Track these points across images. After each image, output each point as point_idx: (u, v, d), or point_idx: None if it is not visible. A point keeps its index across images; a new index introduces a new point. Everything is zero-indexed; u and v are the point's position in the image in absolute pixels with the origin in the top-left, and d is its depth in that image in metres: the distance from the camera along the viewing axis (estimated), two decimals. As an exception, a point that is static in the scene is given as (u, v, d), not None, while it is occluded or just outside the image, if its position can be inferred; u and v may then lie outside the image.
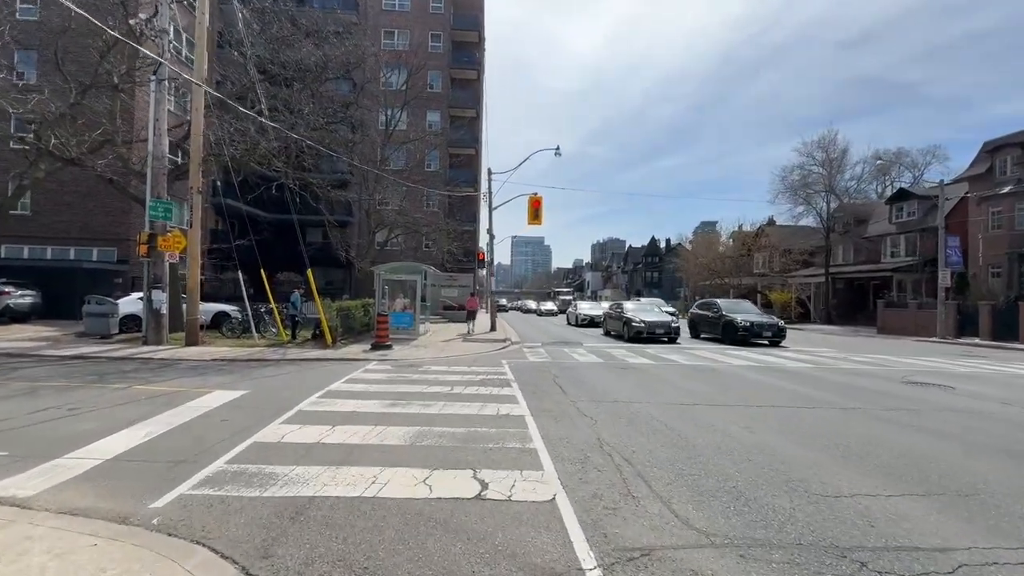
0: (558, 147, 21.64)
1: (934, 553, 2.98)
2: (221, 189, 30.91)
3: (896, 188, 44.28)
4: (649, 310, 19.30)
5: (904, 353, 15.77)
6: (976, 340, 22.70)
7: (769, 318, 17.68)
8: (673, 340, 17.56)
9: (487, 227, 22.25)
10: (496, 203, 22.88)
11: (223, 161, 14.29)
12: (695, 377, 9.77)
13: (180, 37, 22.96)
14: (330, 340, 13.63)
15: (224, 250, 24.50)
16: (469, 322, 20.73)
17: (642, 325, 17.24)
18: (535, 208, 20.80)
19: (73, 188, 21.65)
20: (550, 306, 50.33)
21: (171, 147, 14.66)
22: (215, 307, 18.46)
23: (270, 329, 15.60)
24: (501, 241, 23.50)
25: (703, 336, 19.45)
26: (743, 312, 17.74)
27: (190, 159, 13.86)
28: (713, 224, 76.44)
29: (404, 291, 17.19)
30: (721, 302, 19.04)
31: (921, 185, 40.44)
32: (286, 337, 14.43)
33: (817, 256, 43.47)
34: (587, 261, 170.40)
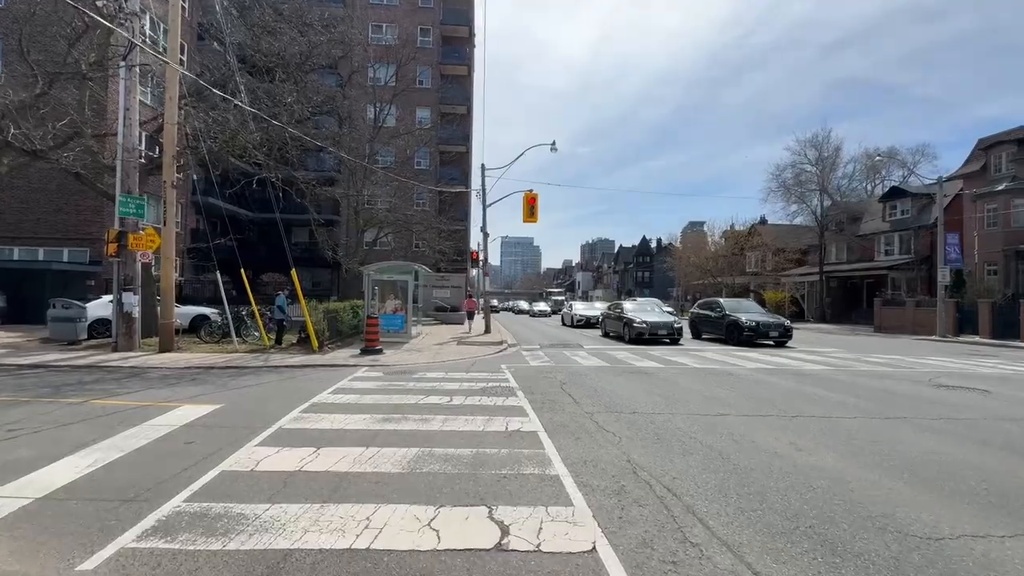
0: (554, 142, 20.92)
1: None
2: (202, 187, 29.82)
3: (886, 187, 44.37)
4: (649, 310, 18.66)
5: (914, 352, 15.28)
6: (976, 338, 22.41)
7: (775, 318, 17.12)
8: (675, 341, 16.92)
9: (481, 225, 21.47)
10: (489, 200, 22.10)
11: (200, 154, 13.34)
12: (712, 382, 9.09)
13: (157, 28, 21.87)
14: (316, 345, 12.76)
15: (205, 250, 23.45)
16: (468, 322, 21.44)
17: (644, 326, 16.57)
18: (530, 205, 20.04)
19: (41, 185, 20.46)
20: (543, 307, 49.65)
21: (147, 142, 13.73)
22: (194, 310, 17.48)
23: (252, 333, 14.67)
24: (492, 241, 22.74)
25: (704, 336, 18.85)
26: (747, 311, 17.16)
27: (163, 151, 12.90)
28: (701, 224, 76.39)
29: (395, 292, 16.34)
30: (724, 301, 18.46)
31: (913, 181, 40.35)
32: (269, 342, 13.52)
33: (810, 255, 43.33)
34: (576, 261, 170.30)
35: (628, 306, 18.79)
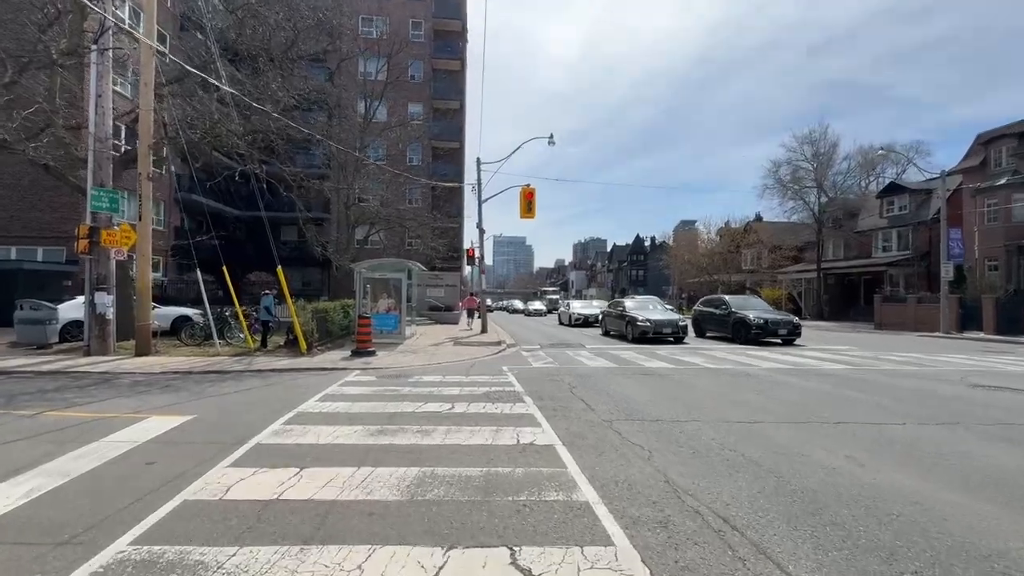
0: (551, 135, 20.25)
1: None
2: (186, 183, 28.84)
3: (880, 184, 44.19)
4: (652, 308, 18.05)
5: (926, 350, 14.78)
6: (980, 334, 22.06)
7: (783, 315, 16.57)
8: (680, 340, 16.32)
9: (477, 221, 20.75)
10: (484, 196, 21.39)
11: (179, 145, 12.50)
12: (731, 384, 8.45)
13: (137, 17, 20.91)
14: (304, 347, 11.99)
15: (188, 249, 22.55)
16: (470, 320, 22.68)
17: (648, 324, 15.94)
18: (528, 200, 19.36)
19: (14, 181, 19.47)
20: (538, 305, 49.01)
21: (126, 135, 12.86)
22: (175, 311, 16.61)
23: (237, 335, 13.86)
24: (486, 239, 21.96)
25: (709, 335, 18.28)
26: (754, 309, 16.59)
27: (139, 140, 12.07)
28: (692, 223, 76.12)
29: (388, 290, 15.59)
30: (730, 299, 17.88)
31: (909, 177, 40.11)
32: (254, 344, 12.72)
33: (807, 252, 43.03)
34: (569, 260, 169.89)
35: (630, 304, 18.17)
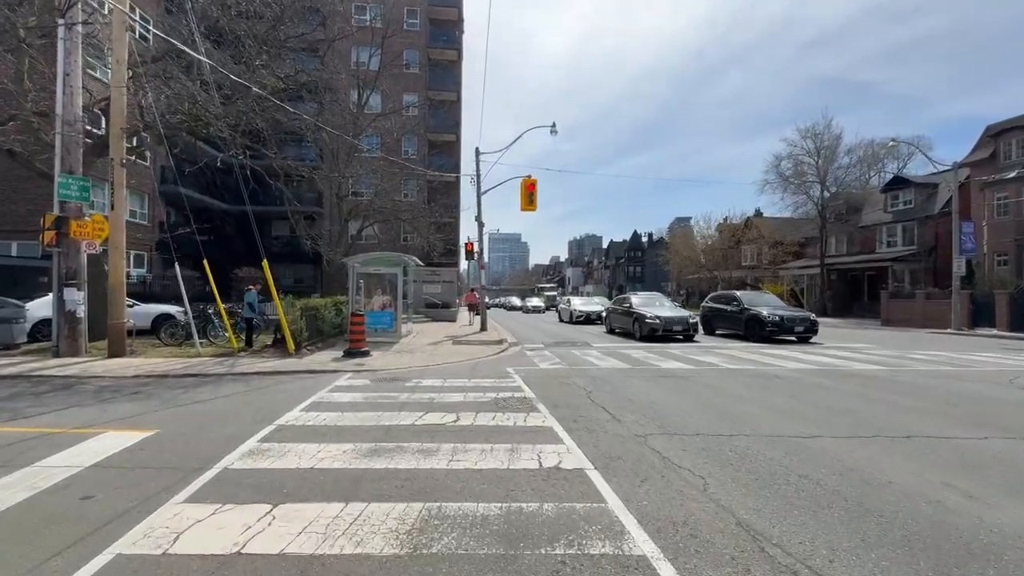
0: (553, 124, 19.37)
1: None
2: (172, 176, 27.79)
3: (883, 178, 43.60)
4: (660, 304, 17.26)
5: (949, 347, 14.06)
6: (994, 331, 21.44)
7: (800, 311, 15.81)
8: (689, 338, 15.55)
9: (476, 214, 19.85)
10: (483, 188, 20.49)
11: (157, 130, 11.53)
12: (762, 388, 7.66)
13: None
14: (292, 347, 11.11)
15: (175, 241, 21.58)
16: (472, 317, 22.60)
17: (657, 322, 15.14)
18: (529, 192, 18.49)
19: (-15, 171, 18.38)
20: (536, 302, 48.19)
21: (103, 123, 11.90)
22: (157, 308, 15.68)
23: (221, 334, 12.96)
24: (485, 234, 21.14)
25: (718, 332, 17.52)
26: (768, 305, 15.81)
27: (110, 123, 11.11)
28: (687, 220, 75.48)
29: (383, 286, 14.71)
30: (742, 295, 17.11)
31: (911, 171, 39.51)
32: (238, 344, 11.82)
33: (808, 248, 42.42)
34: (565, 257, 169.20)
35: (636, 300, 17.36)
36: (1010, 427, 5.36)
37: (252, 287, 12.52)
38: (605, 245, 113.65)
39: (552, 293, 64.01)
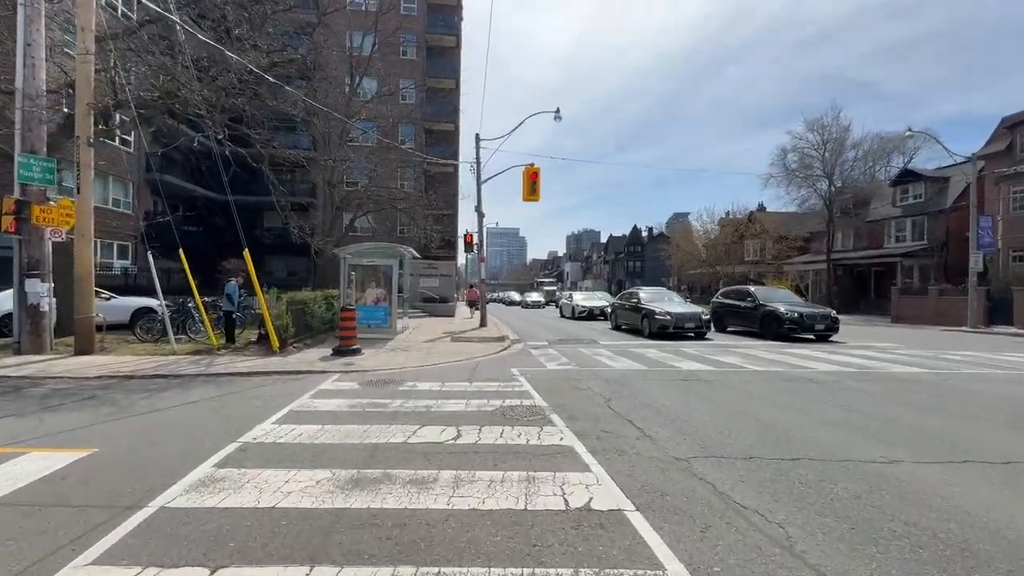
0: (558, 109, 18.39)
1: None
2: (159, 164, 26.75)
3: (888, 173, 42.69)
4: (669, 300, 16.38)
5: (976, 347, 13.22)
6: (1012, 329, 20.65)
7: (820, 308, 14.93)
8: (702, 335, 14.70)
9: (476, 204, 18.90)
10: (483, 177, 19.52)
11: (130, 108, 10.53)
12: (802, 395, 6.79)
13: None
14: (276, 344, 10.20)
15: (160, 233, 20.56)
16: (473, 311, 22.87)
17: (668, 318, 14.27)
18: (532, 180, 17.54)
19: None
20: (536, 297, 47.25)
21: (73, 100, 10.88)
22: (136, 302, 14.71)
23: (201, 330, 12.04)
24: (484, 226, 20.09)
25: (730, 330, 16.68)
26: (784, 301, 14.95)
27: (76, 98, 10.12)
28: (685, 215, 74.48)
29: (377, 279, 13.79)
30: (756, 290, 16.27)
31: (920, 164, 38.56)
32: (217, 341, 10.90)
33: (813, 243, 41.57)
34: (563, 252, 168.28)
35: (645, 295, 16.48)
36: (1117, 448, 4.50)
37: (233, 278, 11.59)
38: (603, 240, 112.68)
39: (551, 288, 63.18)
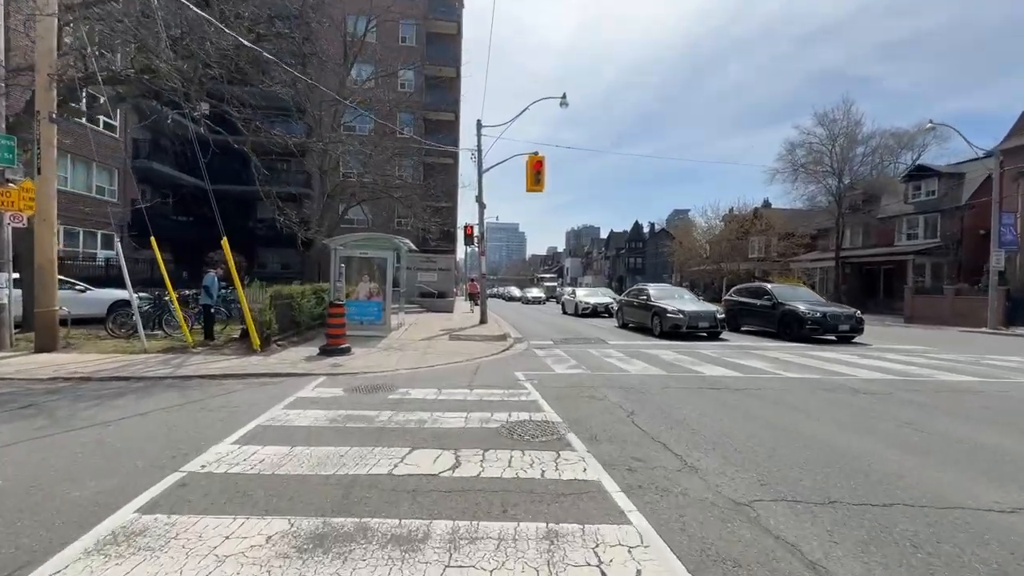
0: (564, 95, 17.42)
1: None
2: (146, 150, 25.76)
3: (897, 169, 41.72)
4: (680, 297, 15.49)
5: (1012, 351, 12.35)
6: (1034, 331, 19.86)
7: (843, 307, 14.05)
8: (716, 335, 13.81)
9: (476, 194, 17.96)
10: (485, 166, 18.58)
11: (95, 79, 9.56)
12: (851, 408, 5.90)
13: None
14: (257, 342, 9.29)
15: (135, 217, 19.61)
16: (474, 306, 22.52)
17: (681, 317, 13.37)
18: (536, 170, 16.60)
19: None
20: (536, 293, 46.34)
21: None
22: (113, 294, 13.76)
23: (177, 326, 11.11)
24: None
25: (744, 329, 15.79)
26: (804, 300, 14.05)
27: (36, 68, 9.15)
28: (685, 212, 73.48)
29: (370, 272, 12.88)
30: (773, 288, 15.37)
31: (935, 159, 37.56)
32: (192, 338, 9.99)
33: (820, 240, 40.67)
34: (563, 248, 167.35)
35: (655, 292, 15.58)
36: None
37: (212, 269, 10.67)
38: (604, 236, 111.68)
39: (552, 284, 62.21)
